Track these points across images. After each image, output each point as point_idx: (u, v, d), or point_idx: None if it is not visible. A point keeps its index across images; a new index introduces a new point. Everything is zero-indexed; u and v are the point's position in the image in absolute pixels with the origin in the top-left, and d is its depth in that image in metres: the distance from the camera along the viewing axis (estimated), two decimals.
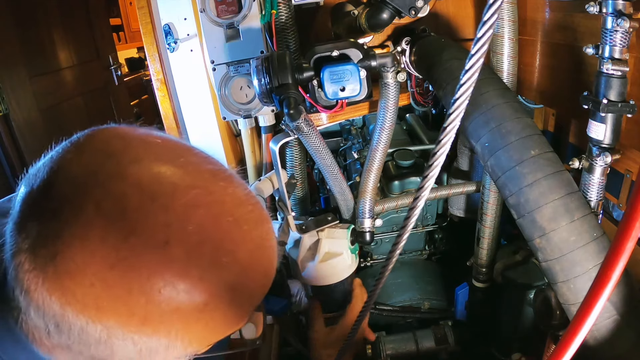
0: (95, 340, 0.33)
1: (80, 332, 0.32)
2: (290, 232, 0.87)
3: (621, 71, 0.62)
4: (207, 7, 0.99)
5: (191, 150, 0.39)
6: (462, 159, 1.15)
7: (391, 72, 0.85)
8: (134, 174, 0.33)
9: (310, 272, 0.85)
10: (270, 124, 1.23)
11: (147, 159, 0.35)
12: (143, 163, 0.35)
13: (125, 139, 0.37)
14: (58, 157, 0.35)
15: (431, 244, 1.32)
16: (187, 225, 0.33)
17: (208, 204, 0.35)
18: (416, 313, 1.20)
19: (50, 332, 0.33)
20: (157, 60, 1.21)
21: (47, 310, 0.32)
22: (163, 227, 0.32)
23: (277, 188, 0.95)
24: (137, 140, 0.37)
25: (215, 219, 0.35)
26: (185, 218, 0.33)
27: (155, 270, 0.32)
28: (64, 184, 0.33)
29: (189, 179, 0.36)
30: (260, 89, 0.76)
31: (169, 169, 0.35)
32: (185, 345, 0.36)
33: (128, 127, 0.39)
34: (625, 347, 0.58)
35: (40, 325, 0.33)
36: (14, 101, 2.19)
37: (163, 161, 0.36)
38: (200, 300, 0.34)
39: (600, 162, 0.68)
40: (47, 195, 0.33)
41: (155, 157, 0.36)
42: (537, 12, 0.93)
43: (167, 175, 0.35)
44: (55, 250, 0.31)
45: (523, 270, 0.95)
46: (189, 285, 0.33)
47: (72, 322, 0.32)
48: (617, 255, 0.29)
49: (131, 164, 0.34)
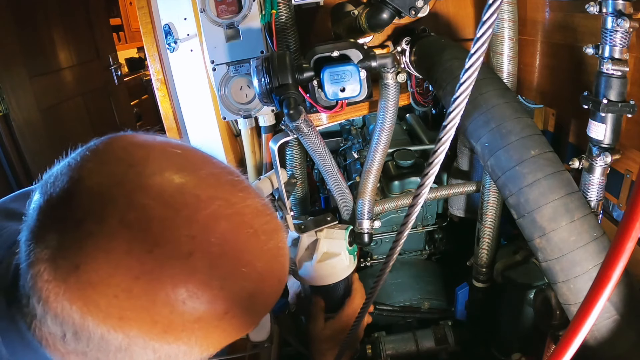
0: (115, 348, 0.33)
1: (100, 340, 0.33)
2: (289, 231, 0.87)
3: (621, 71, 0.62)
4: (207, 7, 0.99)
5: (210, 160, 0.40)
6: (462, 159, 1.15)
7: (391, 73, 0.85)
8: (156, 185, 0.34)
9: (307, 271, 0.85)
10: (270, 124, 1.23)
11: (169, 170, 0.35)
12: (165, 174, 0.35)
13: (146, 148, 0.37)
14: (77, 165, 0.35)
15: (431, 244, 1.32)
16: (210, 237, 0.34)
17: (229, 216, 0.36)
18: (416, 313, 1.20)
19: (67, 339, 0.33)
20: (157, 60, 1.21)
21: (66, 319, 0.32)
22: (187, 239, 0.33)
23: (276, 187, 0.95)
24: (157, 151, 0.37)
25: (236, 231, 0.36)
26: (208, 230, 0.34)
27: (179, 281, 0.32)
28: (85, 195, 0.33)
29: (211, 191, 0.36)
30: (260, 89, 0.76)
31: (191, 181, 0.36)
32: (202, 351, 0.36)
33: (147, 136, 0.39)
34: (625, 347, 0.58)
35: (57, 333, 0.33)
36: (14, 101, 2.19)
37: (185, 172, 0.36)
38: (221, 309, 0.35)
39: (600, 162, 0.68)
40: (68, 205, 0.33)
41: (177, 168, 0.36)
42: (537, 12, 0.93)
43: (189, 187, 0.35)
44: (78, 261, 0.31)
45: (523, 270, 0.95)
46: (211, 296, 0.34)
47: (92, 331, 0.32)
48: (617, 255, 0.29)
49: (154, 175, 0.34)
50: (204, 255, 0.33)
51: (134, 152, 0.36)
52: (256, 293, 0.37)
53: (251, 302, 0.37)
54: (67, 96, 2.67)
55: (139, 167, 0.34)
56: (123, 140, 0.37)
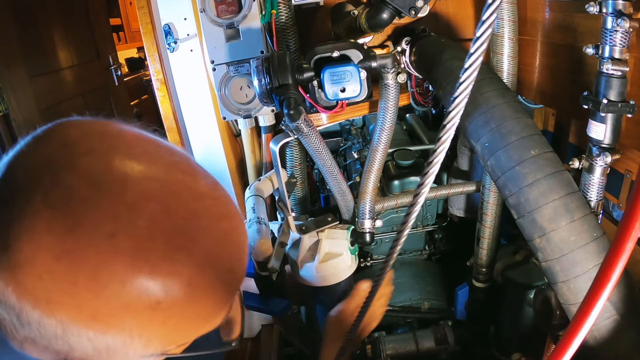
0: (53, 335, 0.32)
1: (38, 326, 0.32)
2: (290, 232, 0.87)
3: (621, 71, 0.62)
4: (207, 7, 0.99)
5: (152, 142, 0.38)
6: (462, 159, 1.15)
7: (391, 73, 0.85)
8: (84, 165, 0.33)
9: (310, 272, 0.85)
10: (270, 124, 1.23)
11: (100, 149, 0.34)
12: (96, 154, 0.34)
13: (82, 129, 0.36)
14: (18, 149, 0.35)
15: (431, 244, 1.32)
16: (137, 218, 0.32)
17: (160, 197, 0.34)
18: (416, 313, 1.20)
19: (15, 325, 0.33)
20: (157, 60, 1.21)
21: (7, 302, 0.32)
22: (110, 219, 0.32)
23: (276, 188, 0.95)
24: (94, 132, 0.36)
25: (168, 213, 0.34)
26: (136, 210, 0.32)
27: (101, 264, 0.31)
28: (18, 174, 0.33)
29: (143, 171, 0.34)
30: (261, 89, 0.76)
31: (122, 161, 0.34)
32: (144, 344, 0.35)
33: (92, 120, 0.38)
34: (625, 347, 0.58)
35: (6, 318, 0.33)
36: (14, 101, 2.19)
37: (117, 152, 0.35)
38: (152, 295, 0.33)
39: (600, 162, 0.68)
40: (3, 186, 0.33)
41: (109, 148, 0.35)
42: (537, 12, 0.93)
43: (118, 166, 0.34)
44: (7, 241, 0.31)
45: (523, 270, 0.95)
46: (138, 280, 0.32)
47: (30, 315, 0.32)
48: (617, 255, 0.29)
49: (84, 155, 0.33)
50: (128, 237, 0.32)
51: (69, 133, 0.35)
52: (195, 283, 0.35)
53: (191, 293, 0.34)
54: (67, 96, 2.67)
55: (70, 147, 0.34)
56: (65, 124, 0.36)
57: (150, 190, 0.34)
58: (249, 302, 0.84)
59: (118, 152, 0.35)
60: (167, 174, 0.35)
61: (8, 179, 0.33)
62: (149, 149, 0.37)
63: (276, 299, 0.82)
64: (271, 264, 0.76)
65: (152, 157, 0.36)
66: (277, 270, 0.77)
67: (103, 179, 0.32)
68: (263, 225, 0.82)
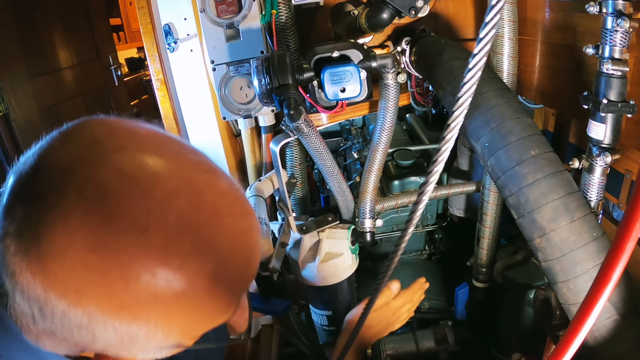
0: (77, 325, 0.33)
1: (63, 317, 0.33)
2: (291, 232, 0.87)
3: (621, 71, 0.62)
4: (207, 7, 0.99)
5: (176, 142, 0.40)
6: (462, 159, 1.15)
7: (392, 73, 0.85)
8: (117, 161, 0.34)
9: (311, 272, 0.85)
10: (270, 124, 1.23)
11: (131, 147, 0.36)
12: (127, 151, 0.35)
13: (112, 128, 0.37)
14: (46, 144, 0.36)
15: (431, 244, 1.32)
16: (167, 214, 0.34)
17: (189, 194, 0.35)
18: (416, 313, 1.20)
19: (35, 317, 0.34)
20: (157, 60, 1.21)
21: (31, 294, 0.33)
22: (143, 214, 0.33)
23: (277, 188, 0.95)
24: (122, 130, 0.38)
25: (195, 209, 0.35)
26: (166, 206, 0.34)
27: (135, 256, 0.33)
28: (50, 169, 0.34)
29: (171, 169, 0.36)
30: (261, 90, 0.76)
31: (152, 158, 0.36)
32: (165, 334, 0.36)
33: (117, 118, 0.40)
34: (625, 347, 0.58)
35: (26, 311, 0.34)
36: (14, 101, 2.19)
37: (147, 150, 0.36)
38: (179, 287, 0.34)
39: (600, 162, 0.68)
40: (34, 179, 0.34)
41: (139, 146, 0.36)
42: (537, 12, 0.93)
43: (149, 164, 0.35)
44: (38, 232, 0.32)
45: (523, 270, 0.95)
46: (168, 273, 0.34)
47: (55, 306, 0.33)
48: (617, 255, 0.29)
49: (115, 152, 0.35)
50: (160, 231, 0.33)
51: (99, 130, 0.37)
52: (218, 275, 0.37)
53: (213, 285, 0.36)
54: (67, 96, 2.67)
55: (102, 144, 0.35)
56: (92, 122, 0.38)
57: (179, 188, 0.35)
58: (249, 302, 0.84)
59: (147, 150, 0.37)
60: (193, 172, 0.37)
61: (39, 172, 0.34)
62: (176, 149, 0.39)
63: (276, 299, 0.82)
64: (272, 264, 0.76)
65: (179, 156, 0.38)
66: (278, 270, 0.77)
67: (135, 176, 0.34)
68: (264, 225, 0.83)
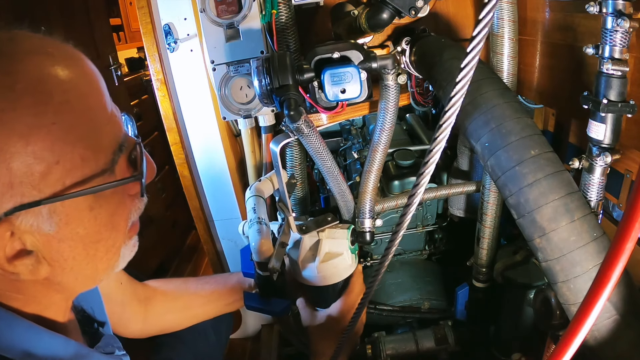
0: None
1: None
2: (291, 232, 0.87)
3: (621, 71, 0.62)
4: (207, 7, 0.99)
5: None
6: (462, 159, 1.15)
7: (392, 74, 0.85)
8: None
9: (311, 272, 0.85)
10: (270, 124, 1.23)
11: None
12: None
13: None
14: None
15: (431, 244, 1.32)
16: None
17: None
18: (416, 313, 1.20)
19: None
20: (157, 60, 1.21)
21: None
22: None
23: (277, 189, 0.95)
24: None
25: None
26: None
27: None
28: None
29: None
30: (261, 90, 0.76)
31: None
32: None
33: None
34: (625, 347, 0.58)
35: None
36: None
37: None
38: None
39: (600, 162, 0.68)
40: None
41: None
42: (537, 12, 0.93)
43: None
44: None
45: (523, 270, 0.95)
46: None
47: None
48: (617, 255, 0.29)
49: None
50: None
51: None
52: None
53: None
54: None
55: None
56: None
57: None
58: (249, 302, 0.84)
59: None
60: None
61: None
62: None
63: (276, 300, 0.82)
64: (272, 264, 0.76)
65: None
66: (277, 270, 0.77)
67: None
68: (264, 225, 0.82)
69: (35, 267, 0.43)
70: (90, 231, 0.45)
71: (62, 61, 0.44)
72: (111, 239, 0.48)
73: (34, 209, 0.40)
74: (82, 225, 0.44)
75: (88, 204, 0.44)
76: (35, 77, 0.40)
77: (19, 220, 0.40)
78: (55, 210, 0.41)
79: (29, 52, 0.42)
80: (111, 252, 0.49)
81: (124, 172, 0.47)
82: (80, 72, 0.45)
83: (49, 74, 0.41)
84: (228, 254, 1.52)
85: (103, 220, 0.45)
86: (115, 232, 0.48)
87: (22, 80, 0.39)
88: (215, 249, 1.53)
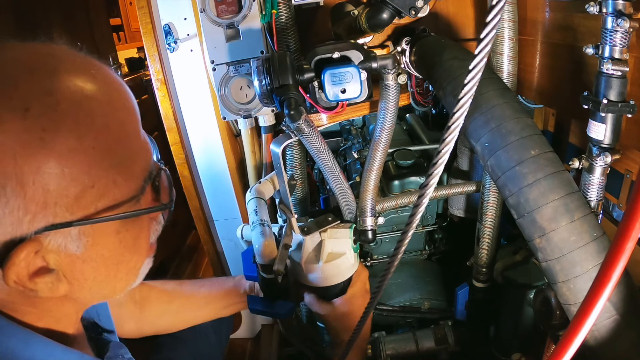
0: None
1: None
2: (294, 234, 0.87)
3: (621, 71, 0.62)
4: (207, 7, 0.99)
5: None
6: (462, 159, 1.15)
7: (392, 74, 0.85)
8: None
9: (314, 273, 0.85)
10: (270, 124, 1.23)
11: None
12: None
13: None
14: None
15: (431, 244, 1.32)
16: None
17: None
18: (416, 313, 1.20)
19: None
20: (157, 60, 1.21)
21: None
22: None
23: (277, 190, 0.95)
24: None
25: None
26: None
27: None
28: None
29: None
30: (261, 90, 0.76)
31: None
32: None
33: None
34: (625, 347, 0.58)
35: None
36: None
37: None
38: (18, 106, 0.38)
39: (600, 162, 0.68)
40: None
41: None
42: (537, 12, 0.93)
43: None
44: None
45: (523, 270, 0.95)
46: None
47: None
48: (617, 255, 0.29)
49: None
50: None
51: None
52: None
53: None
54: None
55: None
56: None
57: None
58: (253, 305, 0.84)
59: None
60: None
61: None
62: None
63: (280, 302, 0.82)
64: (276, 267, 0.76)
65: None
66: (282, 272, 0.76)
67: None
68: (266, 227, 0.82)
69: (55, 285, 0.43)
70: (114, 253, 0.45)
71: (104, 85, 0.43)
72: (132, 261, 0.48)
73: (64, 229, 0.40)
74: (107, 248, 0.44)
75: (115, 228, 0.44)
76: (78, 98, 0.40)
77: (47, 240, 0.40)
78: (85, 232, 0.42)
79: (70, 71, 0.41)
80: (131, 274, 0.50)
81: (148, 196, 0.47)
82: (119, 97, 0.44)
83: (91, 97, 0.41)
84: (228, 254, 1.53)
85: (128, 244, 0.46)
86: (137, 255, 0.49)
87: (64, 100, 0.39)
88: (215, 249, 1.53)
